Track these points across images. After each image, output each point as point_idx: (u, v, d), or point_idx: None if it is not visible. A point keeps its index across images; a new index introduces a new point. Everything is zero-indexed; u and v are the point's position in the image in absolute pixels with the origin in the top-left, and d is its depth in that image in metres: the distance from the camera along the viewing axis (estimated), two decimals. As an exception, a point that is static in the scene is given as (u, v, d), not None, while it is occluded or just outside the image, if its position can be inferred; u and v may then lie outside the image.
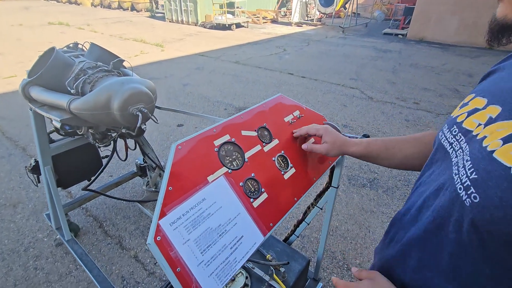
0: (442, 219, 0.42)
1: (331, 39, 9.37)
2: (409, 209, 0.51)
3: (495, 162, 0.35)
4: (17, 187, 2.43)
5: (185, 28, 10.81)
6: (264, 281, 1.26)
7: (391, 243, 0.54)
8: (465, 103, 0.47)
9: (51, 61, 1.23)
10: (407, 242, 0.49)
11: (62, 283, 1.66)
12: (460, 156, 0.42)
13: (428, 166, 0.51)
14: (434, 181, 0.47)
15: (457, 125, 0.45)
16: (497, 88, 0.43)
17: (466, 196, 0.37)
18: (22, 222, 2.07)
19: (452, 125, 0.47)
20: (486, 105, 0.42)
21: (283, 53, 7.30)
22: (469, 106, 0.46)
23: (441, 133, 0.50)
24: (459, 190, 0.39)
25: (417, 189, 0.52)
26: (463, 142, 0.42)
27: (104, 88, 1.13)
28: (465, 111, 0.45)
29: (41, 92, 1.24)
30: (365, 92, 4.70)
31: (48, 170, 1.54)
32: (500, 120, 0.38)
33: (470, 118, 0.44)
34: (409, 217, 0.50)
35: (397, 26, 10.92)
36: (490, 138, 0.38)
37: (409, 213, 0.51)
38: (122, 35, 9.14)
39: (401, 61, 6.63)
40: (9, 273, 1.71)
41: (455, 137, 0.45)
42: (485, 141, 0.38)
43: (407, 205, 0.53)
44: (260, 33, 10.32)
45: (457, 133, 0.45)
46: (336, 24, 11.59)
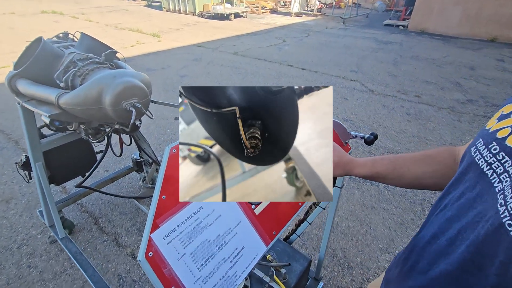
0: (484, 258, 0.36)
1: (331, 30, 9.20)
2: (435, 237, 0.45)
3: None
4: (10, 181, 2.36)
5: (183, 18, 10.57)
6: (264, 282, 1.22)
7: (412, 273, 0.48)
8: (506, 115, 0.40)
9: (38, 52, 1.15)
10: (436, 277, 0.42)
11: (57, 281, 1.62)
12: (506, 182, 0.35)
13: (455, 186, 0.45)
14: (469, 208, 0.40)
15: (498, 142, 0.38)
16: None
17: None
18: (15, 219, 2.02)
19: (490, 141, 0.40)
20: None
21: (282, 44, 7.16)
22: (511, 118, 0.39)
23: (474, 148, 0.42)
24: (508, 226, 0.32)
25: (441, 212, 0.45)
26: (508, 164, 0.36)
27: (95, 82, 1.06)
28: (508, 125, 0.38)
29: (28, 86, 1.17)
30: (366, 85, 4.62)
31: (39, 167, 1.48)
32: None
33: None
34: (437, 247, 0.44)
35: (398, 17, 10.74)
36: None
37: (436, 242, 0.44)
38: (118, 24, 8.92)
39: (402, 53, 6.53)
40: (2, 271, 1.66)
41: (495, 157, 0.38)
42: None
43: (431, 230, 0.46)
44: (259, 23, 10.11)
45: (498, 152, 0.38)
46: (336, 15, 11.38)
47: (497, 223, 0.34)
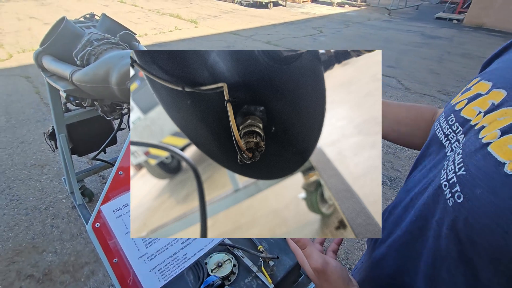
0: (425, 220, 0.36)
1: (373, 21, 8.64)
2: (395, 207, 0.46)
3: (488, 157, 0.28)
4: (46, 150, 2.62)
5: (222, 5, 10.63)
6: (251, 271, 1.23)
7: (377, 244, 0.48)
8: (468, 88, 0.40)
9: (60, 30, 1.24)
10: (391, 244, 0.43)
11: (73, 243, 1.79)
12: (456, 149, 0.35)
13: (420, 160, 0.45)
14: (424, 177, 0.40)
15: (455, 113, 0.39)
16: (507, 70, 0.36)
17: (449, 195, 0.31)
18: (46, 183, 2.25)
19: (449, 113, 0.40)
20: (489, 89, 0.35)
21: (318, 35, 6.90)
22: (471, 91, 0.39)
23: (437, 123, 0.43)
24: (443, 187, 0.33)
25: (405, 185, 0.45)
26: (460, 133, 0.36)
27: (103, 61, 1.11)
28: (466, 98, 0.38)
29: (50, 62, 1.27)
30: (402, 82, 4.31)
31: (62, 138, 1.62)
32: (504, 107, 0.31)
33: (470, 106, 0.37)
34: (395, 217, 0.45)
35: (454, 10, 9.73)
36: (488, 128, 0.31)
37: (394, 212, 0.45)
38: (159, 9, 9.25)
39: (451, 50, 5.94)
40: (30, 227, 1.87)
41: (451, 128, 0.38)
42: (482, 132, 0.31)
43: (393, 203, 0.47)
44: (297, 12, 9.82)
45: (454, 123, 0.38)
46: (382, 5, 10.63)
47: (437, 185, 0.35)
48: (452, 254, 0.32)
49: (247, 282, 1.12)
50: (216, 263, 1.00)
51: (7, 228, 1.86)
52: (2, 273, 1.60)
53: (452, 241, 0.31)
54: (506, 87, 0.33)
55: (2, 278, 1.58)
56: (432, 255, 0.35)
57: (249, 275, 1.22)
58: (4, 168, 2.37)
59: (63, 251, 1.73)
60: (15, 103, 3.40)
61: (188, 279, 0.93)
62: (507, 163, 0.27)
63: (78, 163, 2.43)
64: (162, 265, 0.53)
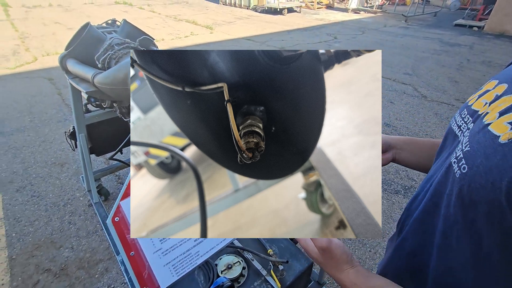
0: (439, 196, 0.41)
1: (390, 28, 8.54)
2: (417, 195, 0.49)
3: (488, 133, 0.34)
4: (66, 149, 2.73)
5: (237, 11, 10.81)
6: (261, 275, 1.23)
7: (401, 231, 0.51)
8: (480, 88, 0.46)
9: (84, 35, 1.30)
10: (410, 225, 0.47)
11: (88, 239, 1.84)
12: (465, 135, 0.41)
13: (439, 153, 0.50)
14: (441, 166, 0.45)
15: (467, 108, 0.44)
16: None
17: (457, 168, 0.37)
18: (65, 181, 2.34)
19: (463, 109, 0.46)
20: (496, 85, 0.42)
21: (333, 41, 6.88)
22: (482, 90, 0.45)
23: (452, 118, 0.49)
24: (453, 164, 0.38)
25: (427, 175, 0.49)
26: (470, 123, 0.41)
27: (123, 65, 1.16)
28: (477, 95, 0.44)
29: (74, 65, 1.33)
30: (419, 90, 4.22)
31: (82, 137, 1.68)
32: (504, 96, 0.37)
33: (479, 100, 0.43)
34: (417, 202, 0.48)
35: (474, 17, 9.49)
36: (490, 113, 0.37)
37: (417, 199, 0.49)
38: (176, 16, 9.51)
39: (471, 57, 5.78)
40: (49, 223, 1.95)
41: (463, 120, 0.44)
42: (485, 117, 0.37)
43: (416, 191, 0.51)
44: (312, 19, 9.85)
45: (466, 115, 0.44)
46: (398, 12, 10.50)
47: (448, 163, 0.40)
48: (458, 219, 0.36)
49: (256, 285, 1.12)
50: (226, 264, 1.01)
51: (28, 223, 1.94)
52: (22, 265, 1.67)
53: (458, 207, 0.36)
54: (508, 81, 0.39)
55: (22, 271, 1.64)
56: (443, 224, 0.39)
57: (258, 278, 1.22)
58: (27, 165, 2.49)
59: (79, 247, 1.79)
60: (38, 103, 3.56)
61: (199, 279, 0.94)
62: (501, 135, 0.32)
63: (95, 163, 2.52)
64: (176, 260, 0.54)
